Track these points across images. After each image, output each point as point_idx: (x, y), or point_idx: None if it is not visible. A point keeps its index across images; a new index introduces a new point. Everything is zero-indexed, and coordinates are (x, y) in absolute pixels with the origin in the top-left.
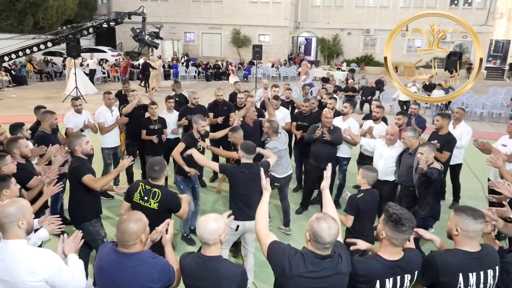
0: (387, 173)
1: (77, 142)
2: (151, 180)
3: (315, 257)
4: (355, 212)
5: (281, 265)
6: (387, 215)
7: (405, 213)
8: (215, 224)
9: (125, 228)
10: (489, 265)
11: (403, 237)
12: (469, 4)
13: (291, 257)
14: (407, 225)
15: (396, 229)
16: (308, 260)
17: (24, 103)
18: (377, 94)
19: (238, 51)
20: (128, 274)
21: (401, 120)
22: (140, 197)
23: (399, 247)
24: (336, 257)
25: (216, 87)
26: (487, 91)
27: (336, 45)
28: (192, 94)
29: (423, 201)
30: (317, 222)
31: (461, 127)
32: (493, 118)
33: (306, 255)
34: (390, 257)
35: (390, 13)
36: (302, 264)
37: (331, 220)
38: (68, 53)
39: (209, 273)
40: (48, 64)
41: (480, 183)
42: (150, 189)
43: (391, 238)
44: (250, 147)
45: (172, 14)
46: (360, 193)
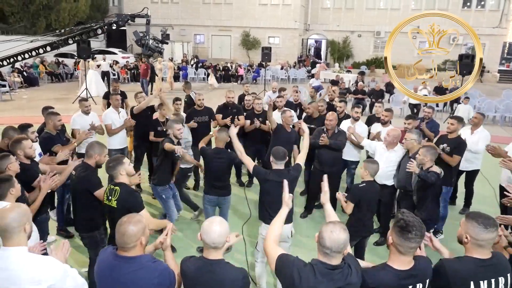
0: (386, 177)
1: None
2: (115, 179)
3: (325, 267)
4: (357, 201)
5: (289, 277)
6: (395, 220)
7: (415, 221)
8: (223, 227)
9: (125, 230)
10: (500, 273)
11: (409, 245)
12: (482, 6)
13: (300, 269)
14: (414, 232)
15: (401, 235)
16: (318, 271)
17: (35, 104)
18: (387, 96)
19: (247, 53)
20: (127, 279)
21: (411, 125)
22: (106, 196)
23: (407, 255)
24: (346, 268)
25: (225, 89)
26: (500, 94)
27: (346, 47)
28: (197, 96)
29: (422, 205)
30: (325, 225)
31: (478, 132)
32: (506, 122)
33: (316, 265)
34: (400, 266)
35: (401, 15)
36: (312, 276)
37: (338, 226)
38: (79, 54)
39: (211, 277)
40: (60, 65)
41: (492, 188)
42: (112, 188)
43: (397, 244)
44: (279, 153)
45: (182, 16)
46: (362, 183)
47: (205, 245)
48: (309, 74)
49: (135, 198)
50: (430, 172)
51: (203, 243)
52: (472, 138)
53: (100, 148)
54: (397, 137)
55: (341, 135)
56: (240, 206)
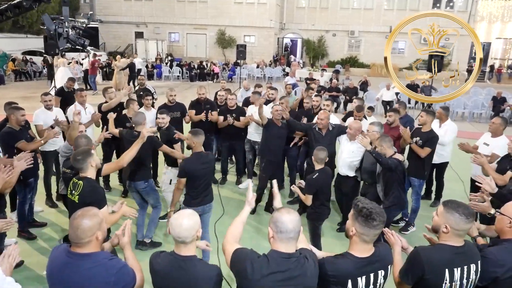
0: (349, 168)
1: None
2: (80, 172)
3: (280, 256)
4: (314, 192)
5: (243, 270)
6: (356, 210)
7: (375, 207)
8: (191, 220)
9: (79, 224)
10: (471, 260)
11: (374, 233)
12: (451, 7)
13: (254, 260)
14: (378, 219)
15: (366, 224)
16: (272, 261)
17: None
18: (361, 94)
19: (223, 52)
20: (81, 277)
21: (392, 117)
22: (70, 191)
23: (370, 243)
24: (302, 257)
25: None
26: (468, 92)
27: (321, 46)
28: (168, 91)
29: (388, 192)
30: (277, 211)
31: (446, 125)
32: (474, 118)
33: (270, 255)
34: (361, 254)
35: (374, 15)
36: (265, 266)
37: (292, 210)
38: (46, 51)
39: (182, 274)
40: (27, 63)
41: (461, 182)
42: (76, 182)
43: (361, 234)
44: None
45: (156, 14)
46: (315, 174)
47: (174, 240)
48: (284, 72)
49: (98, 193)
50: (391, 159)
51: (172, 238)
52: (439, 131)
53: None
54: (358, 129)
55: (335, 129)
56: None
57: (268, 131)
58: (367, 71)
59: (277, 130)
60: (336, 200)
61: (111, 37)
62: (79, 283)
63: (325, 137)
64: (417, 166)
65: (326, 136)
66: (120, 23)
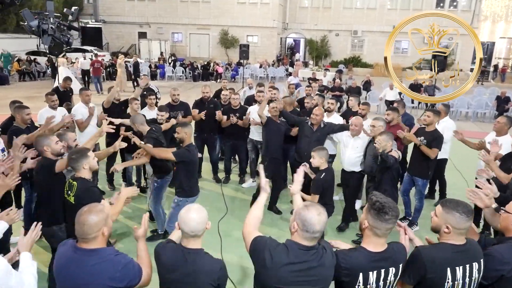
0: (353, 164)
1: (45, 142)
2: (75, 172)
3: (300, 248)
4: (321, 191)
5: (262, 258)
6: (370, 203)
7: (389, 202)
8: (200, 214)
9: (85, 220)
10: (474, 258)
11: (386, 227)
12: (454, 7)
13: (272, 249)
14: (390, 213)
15: (378, 217)
16: (291, 252)
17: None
18: (364, 93)
19: (226, 52)
20: (88, 273)
21: (390, 116)
22: (66, 191)
23: (382, 238)
24: (321, 248)
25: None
26: (472, 91)
27: (324, 46)
28: (172, 91)
29: (381, 188)
30: (306, 209)
31: (444, 122)
32: (478, 117)
33: (290, 246)
34: (374, 248)
35: (377, 15)
36: (284, 256)
37: (320, 207)
38: (50, 51)
39: (186, 266)
40: (32, 63)
41: (464, 180)
42: (71, 183)
43: (373, 227)
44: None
45: (159, 14)
46: (322, 174)
47: (184, 234)
48: (287, 72)
49: (93, 193)
50: (388, 156)
51: (182, 232)
52: (437, 128)
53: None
54: (362, 124)
55: (326, 127)
56: (216, 203)
57: (268, 129)
58: (370, 71)
59: (276, 127)
60: (344, 198)
61: (114, 37)
62: (85, 278)
63: (314, 133)
64: (422, 166)
65: (316, 132)
66: (123, 23)
